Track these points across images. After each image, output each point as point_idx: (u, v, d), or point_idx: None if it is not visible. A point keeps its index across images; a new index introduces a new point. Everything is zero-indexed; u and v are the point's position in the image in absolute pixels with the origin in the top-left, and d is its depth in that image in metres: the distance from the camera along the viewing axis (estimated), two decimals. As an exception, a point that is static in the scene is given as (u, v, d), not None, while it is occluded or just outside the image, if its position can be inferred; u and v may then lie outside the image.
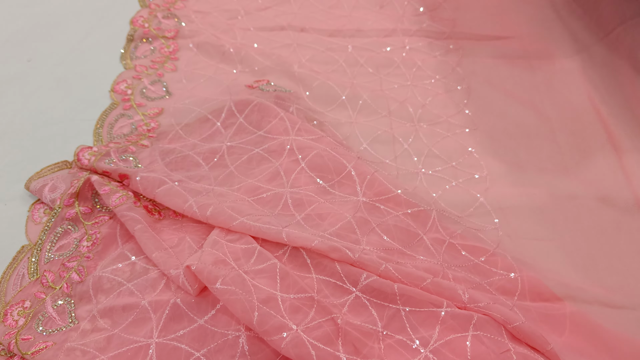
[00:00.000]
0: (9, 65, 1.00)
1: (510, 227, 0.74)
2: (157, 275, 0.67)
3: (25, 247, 0.74)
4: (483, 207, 0.77)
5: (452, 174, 0.81)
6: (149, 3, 1.10)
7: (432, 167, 0.82)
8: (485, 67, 0.98)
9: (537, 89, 0.93)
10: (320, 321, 0.60)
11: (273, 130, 0.81)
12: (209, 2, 1.11)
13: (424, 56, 1.00)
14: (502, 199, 0.78)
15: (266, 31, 1.05)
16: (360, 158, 0.78)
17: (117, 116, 0.90)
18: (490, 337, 0.59)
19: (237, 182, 0.78)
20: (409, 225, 0.71)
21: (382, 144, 0.85)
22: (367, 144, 0.85)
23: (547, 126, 0.88)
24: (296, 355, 0.56)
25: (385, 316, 0.62)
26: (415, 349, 0.60)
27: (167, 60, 0.98)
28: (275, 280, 0.64)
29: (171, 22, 1.06)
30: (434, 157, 0.84)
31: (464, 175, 0.81)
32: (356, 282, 0.63)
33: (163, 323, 0.62)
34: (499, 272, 0.68)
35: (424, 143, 0.85)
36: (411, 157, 0.83)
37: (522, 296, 0.66)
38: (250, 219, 0.68)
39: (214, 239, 0.67)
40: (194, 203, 0.72)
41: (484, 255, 0.70)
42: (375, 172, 0.76)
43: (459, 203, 0.77)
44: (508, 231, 0.74)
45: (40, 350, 0.62)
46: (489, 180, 0.80)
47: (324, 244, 0.65)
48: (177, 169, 0.79)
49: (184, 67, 0.98)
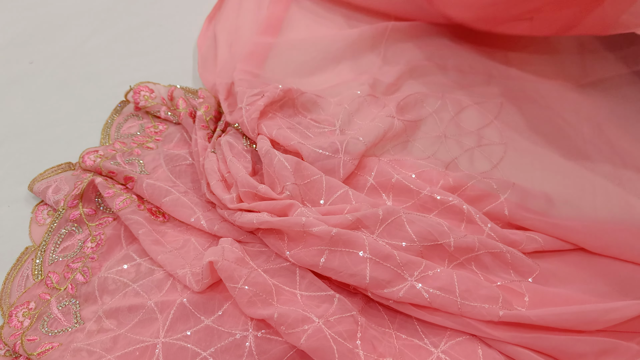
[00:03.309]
0: (11, 68, 1.00)
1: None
2: (163, 276, 0.67)
3: (29, 248, 0.74)
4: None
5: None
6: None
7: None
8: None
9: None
10: (341, 317, 0.60)
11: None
12: None
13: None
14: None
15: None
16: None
17: (127, 116, 0.90)
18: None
19: None
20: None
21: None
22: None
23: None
24: (316, 349, 0.56)
25: (397, 320, 0.64)
26: (428, 350, 0.60)
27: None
28: (295, 280, 0.64)
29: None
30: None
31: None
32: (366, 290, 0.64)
33: (169, 323, 0.62)
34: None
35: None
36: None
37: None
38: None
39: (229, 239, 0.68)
40: (201, 217, 0.72)
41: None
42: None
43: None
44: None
45: (47, 351, 0.61)
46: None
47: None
48: (181, 176, 0.80)
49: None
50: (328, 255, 0.63)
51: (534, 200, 0.75)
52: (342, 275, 0.62)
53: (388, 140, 0.82)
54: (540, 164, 0.82)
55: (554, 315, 0.60)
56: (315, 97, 0.87)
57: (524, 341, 0.60)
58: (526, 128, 0.87)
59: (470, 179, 0.77)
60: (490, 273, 0.68)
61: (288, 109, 0.85)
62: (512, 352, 0.60)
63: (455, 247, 0.67)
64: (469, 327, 0.61)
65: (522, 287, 0.66)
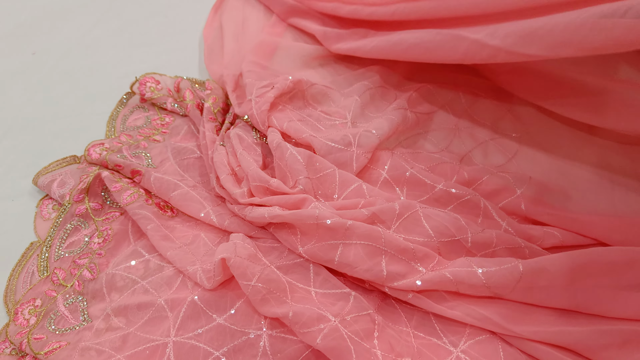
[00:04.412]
0: (13, 59, 0.98)
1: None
2: (173, 273, 0.65)
3: (34, 243, 0.72)
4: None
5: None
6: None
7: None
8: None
9: None
10: (358, 315, 0.58)
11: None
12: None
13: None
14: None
15: None
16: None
17: (132, 108, 0.88)
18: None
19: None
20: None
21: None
22: None
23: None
24: (332, 348, 0.54)
25: (415, 319, 0.62)
26: (447, 349, 0.59)
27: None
28: (309, 277, 0.62)
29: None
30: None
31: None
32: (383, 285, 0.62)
33: (180, 321, 0.60)
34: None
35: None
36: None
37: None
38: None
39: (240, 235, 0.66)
40: (211, 211, 0.70)
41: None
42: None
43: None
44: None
45: (54, 350, 0.60)
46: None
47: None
48: (189, 169, 0.78)
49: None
50: (343, 249, 0.62)
51: (551, 195, 0.73)
52: (358, 271, 0.61)
53: (400, 132, 0.80)
54: (556, 157, 0.80)
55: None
56: (325, 89, 0.85)
57: (546, 337, 0.58)
58: (541, 121, 0.85)
59: (486, 172, 0.75)
60: None
61: (298, 100, 0.83)
62: (533, 350, 0.58)
63: (472, 243, 0.65)
64: (489, 322, 0.59)
65: None
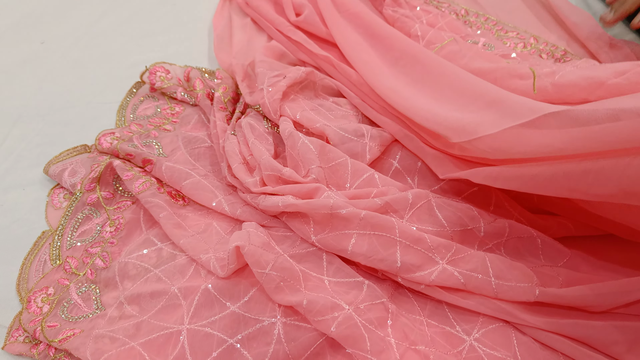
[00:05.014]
0: (22, 48, 0.98)
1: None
2: (186, 261, 0.65)
3: (46, 232, 0.72)
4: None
5: None
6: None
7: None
8: None
9: None
10: (372, 304, 0.58)
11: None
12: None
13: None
14: None
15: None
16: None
17: (142, 97, 0.88)
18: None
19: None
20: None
21: None
22: None
23: None
24: (347, 337, 0.54)
25: (428, 307, 0.62)
26: (460, 338, 0.59)
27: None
28: (322, 266, 0.62)
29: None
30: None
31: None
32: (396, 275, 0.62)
33: (194, 309, 0.60)
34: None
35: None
36: None
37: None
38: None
39: (253, 223, 0.66)
40: (223, 200, 0.70)
41: None
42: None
43: None
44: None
45: (68, 338, 0.60)
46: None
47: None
48: (200, 159, 0.77)
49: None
50: (357, 239, 0.62)
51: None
52: (372, 260, 0.61)
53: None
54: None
55: (592, 294, 0.58)
56: (334, 81, 0.84)
57: (559, 328, 0.58)
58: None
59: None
60: (520, 258, 0.66)
61: (309, 91, 0.82)
62: (546, 340, 0.58)
63: (485, 233, 0.65)
64: (503, 312, 0.59)
65: (554, 271, 0.64)
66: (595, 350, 0.57)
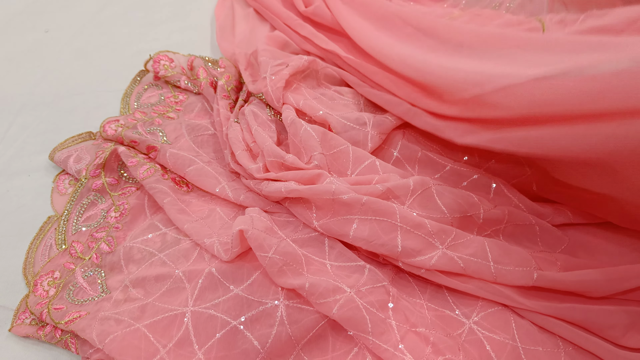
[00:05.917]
0: (26, 36, 0.98)
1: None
2: (190, 246, 0.67)
3: (51, 217, 0.73)
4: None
5: None
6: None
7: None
8: None
9: None
10: (373, 287, 0.59)
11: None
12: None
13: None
14: None
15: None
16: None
17: (146, 86, 0.88)
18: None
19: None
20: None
21: None
22: None
23: None
24: (348, 319, 0.56)
25: (428, 291, 0.63)
26: (460, 321, 0.60)
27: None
28: (324, 250, 0.63)
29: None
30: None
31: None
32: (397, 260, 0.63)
33: (198, 292, 0.61)
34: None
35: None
36: None
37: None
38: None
39: (256, 209, 0.67)
40: (226, 186, 0.71)
41: None
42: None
43: None
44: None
45: (74, 320, 0.61)
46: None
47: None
48: (203, 146, 0.78)
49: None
50: (358, 224, 0.62)
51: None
52: (373, 245, 0.62)
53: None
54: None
55: (591, 280, 0.59)
56: (338, 70, 0.85)
57: (556, 312, 0.59)
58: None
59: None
60: (519, 245, 0.67)
61: (311, 80, 0.83)
62: (544, 323, 0.59)
63: (484, 219, 0.66)
64: (502, 296, 0.60)
65: (553, 257, 0.65)
66: (593, 334, 0.58)
